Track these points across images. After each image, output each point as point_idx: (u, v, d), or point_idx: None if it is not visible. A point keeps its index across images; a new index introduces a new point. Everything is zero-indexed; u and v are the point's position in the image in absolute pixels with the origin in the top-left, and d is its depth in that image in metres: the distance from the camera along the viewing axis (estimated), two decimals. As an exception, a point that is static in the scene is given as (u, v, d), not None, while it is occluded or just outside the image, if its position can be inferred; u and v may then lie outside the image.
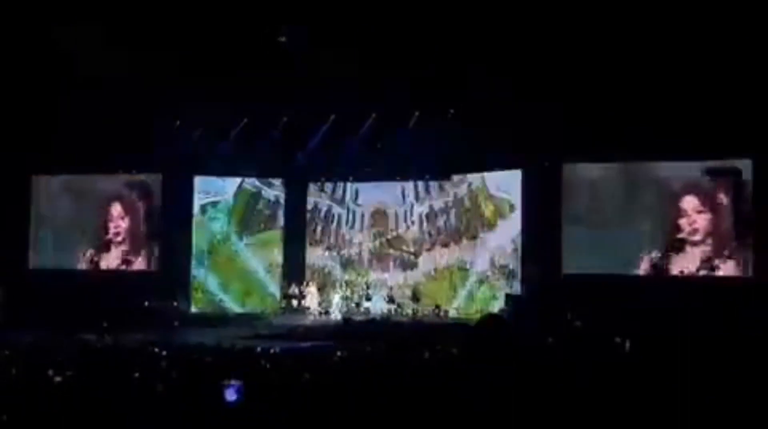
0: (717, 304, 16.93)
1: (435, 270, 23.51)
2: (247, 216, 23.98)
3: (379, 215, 24.14)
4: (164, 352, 10.27)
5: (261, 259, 23.88)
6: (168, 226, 23.13)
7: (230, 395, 5.71)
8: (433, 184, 23.69)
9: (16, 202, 23.42)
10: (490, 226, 22.65)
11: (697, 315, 15.57)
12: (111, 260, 23.78)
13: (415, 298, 22.84)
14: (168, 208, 23.26)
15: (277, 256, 23.95)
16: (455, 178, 23.35)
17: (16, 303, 19.90)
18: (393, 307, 22.89)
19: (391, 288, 23.41)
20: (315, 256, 24.39)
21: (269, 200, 24.08)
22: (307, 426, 6.00)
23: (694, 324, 14.27)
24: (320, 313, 22.79)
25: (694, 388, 6.71)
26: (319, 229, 24.47)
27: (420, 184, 23.80)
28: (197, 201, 23.48)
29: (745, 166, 19.16)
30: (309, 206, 24.51)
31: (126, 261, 23.71)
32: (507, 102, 18.85)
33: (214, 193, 23.68)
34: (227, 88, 19.62)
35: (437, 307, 22.72)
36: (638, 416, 5.94)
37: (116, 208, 23.73)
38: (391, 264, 23.97)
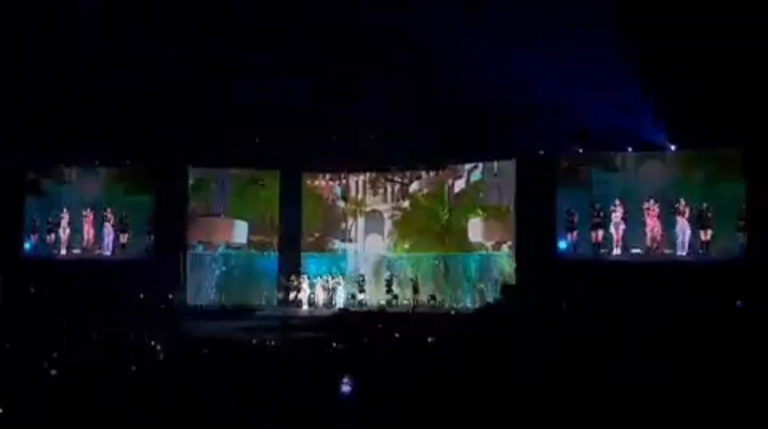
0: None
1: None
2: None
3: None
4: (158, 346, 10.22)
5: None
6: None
7: (345, 387, 6.11)
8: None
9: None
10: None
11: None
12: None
13: (415, 290, 22.85)
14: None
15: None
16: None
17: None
18: (389, 297, 22.94)
19: (391, 274, 23.48)
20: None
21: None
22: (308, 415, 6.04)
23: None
24: (317, 306, 22.84)
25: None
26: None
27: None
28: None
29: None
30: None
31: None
32: None
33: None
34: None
35: (433, 297, 22.81)
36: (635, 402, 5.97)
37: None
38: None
